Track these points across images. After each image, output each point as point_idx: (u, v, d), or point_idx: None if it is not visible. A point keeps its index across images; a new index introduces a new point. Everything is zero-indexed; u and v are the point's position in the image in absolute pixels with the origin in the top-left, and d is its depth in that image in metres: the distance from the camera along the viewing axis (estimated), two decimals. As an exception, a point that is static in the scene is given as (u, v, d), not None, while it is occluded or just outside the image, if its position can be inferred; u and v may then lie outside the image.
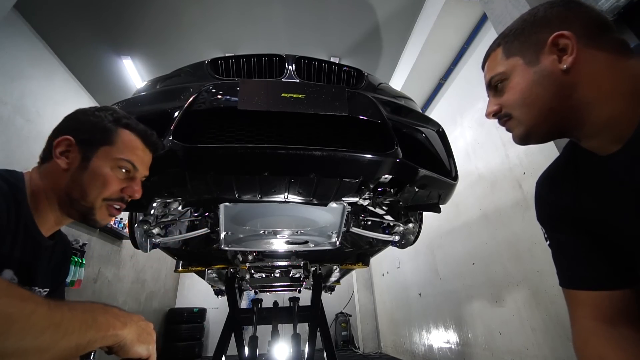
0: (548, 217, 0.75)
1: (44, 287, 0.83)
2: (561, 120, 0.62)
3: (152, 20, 3.11)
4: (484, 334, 2.49)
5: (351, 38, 3.43)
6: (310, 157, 0.99)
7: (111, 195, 0.79)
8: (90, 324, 0.53)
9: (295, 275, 2.47)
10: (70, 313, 0.50)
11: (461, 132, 2.95)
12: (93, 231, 3.54)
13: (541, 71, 0.61)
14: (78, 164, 0.76)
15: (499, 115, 0.70)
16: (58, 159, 0.76)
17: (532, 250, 2.01)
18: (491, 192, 2.48)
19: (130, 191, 0.82)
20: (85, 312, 0.53)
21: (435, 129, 1.34)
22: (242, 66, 1.25)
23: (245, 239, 1.54)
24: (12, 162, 2.60)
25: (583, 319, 0.66)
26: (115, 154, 0.79)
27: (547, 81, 0.61)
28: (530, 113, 0.63)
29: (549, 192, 0.74)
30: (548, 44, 0.60)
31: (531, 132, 0.65)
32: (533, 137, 0.67)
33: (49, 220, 0.79)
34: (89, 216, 0.78)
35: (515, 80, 0.65)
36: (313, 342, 1.91)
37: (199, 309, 5.40)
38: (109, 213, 0.81)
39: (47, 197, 0.76)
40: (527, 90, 0.63)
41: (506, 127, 0.70)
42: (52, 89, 3.30)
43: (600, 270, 0.65)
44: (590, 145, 0.64)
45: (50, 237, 0.82)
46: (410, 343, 3.89)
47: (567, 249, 0.70)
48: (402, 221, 1.55)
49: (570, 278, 0.69)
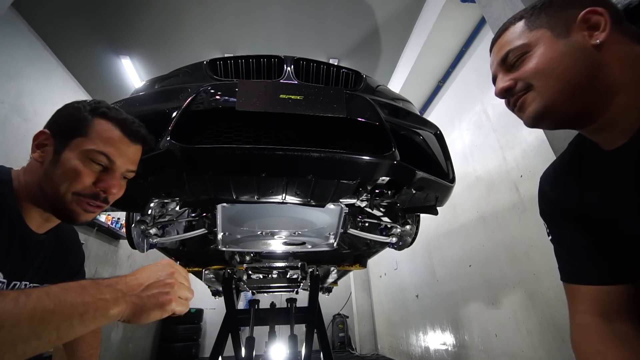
0: (551, 212, 0.74)
1: (35, 281, 0.81)
2: (584, 101, 0.58)
3: (151, 20, 3.11)
4: (480, 335, 2.50)
5: (350, 40, 3.44)
6: (307, 158, 0.99)
7: (82, 190, 0.72)
8: (52, 309, 0.44)
9: (292, 277, 2.46)
10: (13, 303, 0.41)
11: (459, 134, 2.96)
12: (90, 231, 3.52)
13: (572, 44, 0.58)
14: (51, 158, 0.73)
15: (513, 91, 0.64)
16: (34, 152, 0.75)
17: (529, 253, 2.02)
18: (488, 194, 2.49)
19: (103, 185, 0.74)
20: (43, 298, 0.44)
21: (433, 131, 1.35)
22: (240, 67, 1.25)
23: (242, 240, 1.54)
24: (10, 162, 2.55)
25: (582, 313, 0.66)
26: (87, 145, 0.73)
27: (578, 54, 0.57)
28: (555, 85, 0.58)
29: (552, 187, 0.74)
30: (579, 19, 0.58)
31: (550, 109, 0.60)
32: (549, 117, 0.61)
33: (35, 216, 0.76)
34: (62, 212, 0.73)
35: (542, 50, 0.59)
36: (310, 343, 1.91)
37: (196, 310, 5.37)
38: (83, 209, 0.73)
39: (28, 192, 0.74)
40: (557, 60, 0.58)
41: (519, 104, 0.64)
42: (50, 88, 3.29)
43: (601, 265, 0.65)
44: (599, 138, 0.62)
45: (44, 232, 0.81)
46: (407, 344, 3.89)
47: (568, 245, 0.70)
48: (400, 223, 1.55)
49: (571, 273, 0.69)
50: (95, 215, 0.79)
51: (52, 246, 0.87)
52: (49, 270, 0.86)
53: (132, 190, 1.05)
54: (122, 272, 4.17)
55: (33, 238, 0.77)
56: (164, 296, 0.54)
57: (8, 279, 0.72)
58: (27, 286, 0.78)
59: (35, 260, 0.80)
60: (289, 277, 2.47)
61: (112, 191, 0.76)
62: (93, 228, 3.54)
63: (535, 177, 2.03)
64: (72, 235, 1.00)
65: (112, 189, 0.76)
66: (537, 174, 0.78)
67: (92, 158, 0.73)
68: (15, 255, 0.73)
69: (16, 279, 0.75)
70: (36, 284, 0.82)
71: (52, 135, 0.75)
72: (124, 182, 0.83)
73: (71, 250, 0.97)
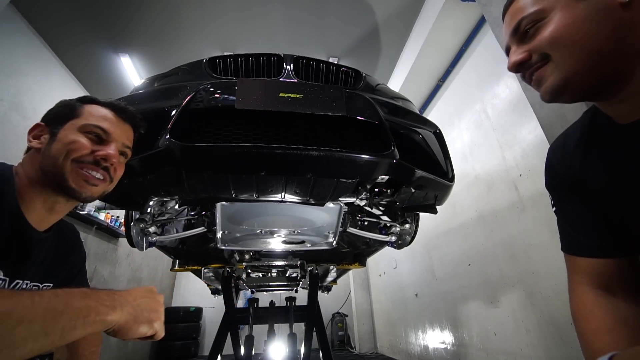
0: (556, 184, 0.74)
1: (35, 281, 0.81)
2: (608, 71, 0.52)
3: (151, 18, 3.10)
4: (479, 334, 2.51)
5: (350, 38, 3.44)
6: (307, 157, 0.99)
7: (81, 157, 0.75)
8: (61, 310, 0.48)
9: (292, 275, 2.47)
10: (30, 300, 0.46)
11: (459, 133, 2.96)
12: (89, 229, 3.52)
13: (594, 4, 0.51)
14: (48, 141, 0.76)
15: (528, 63, 0.58)
16: (31, 142, 0.78)
17: (528, 252, 2.02)
18: (487, 193, 2.49)
19: (102, 153, 0.77)
20: (53, 299, 0.48)
21: (432, 130, 1.35)
22: (240, 65, 1.25)
23: (242, 238, 1.54)
24: (9, 159, 2.54)
25: (580, 284, 0.67)
26: (82, 122, 0.78)
27: (601, 16, 0.50)
28: (576, 55, 0.52)
29: (559, 159, 0.73)
30: None
31: (570, 81, 0.54)
32: (569, 90, 0.56)
33: (38, 208, 0.76)
34: (63, 184, 0.74)
35: (558, 15, 0.53)
36: (309, 342, 1.92)
37: (195, 308, 5.38)
38: (83, 179, 0.75)
39: (30, 182, 0.75)
40: (576, 26, 0.51)
41: (535, 78, 0.59)
42: (49, 86, 3.28)
43: (600, 239, 0.65)
44: (615, 110, 0.58)
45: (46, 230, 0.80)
46: (406, 343, 3.90)
47: (571, 217, 0.70)
48: (399, 222, 1.56)
49: (571, 244, 0.70)
50: (99, 190, 0.79)
51: (54, 245, 0.87)
52: (50, 269, 0.85)
53: (131, 189, 1.06)
54: (122, 271, 4.18)
55: (34, 236, 0.77)
56: (154, 314, 0.61)
57: (10, 277, 0.72)
58: (28, 285, 0.78)
59: (36, 259, 0.80)
60: (289, 275, 2.48)
61: (111, 160, 0.79)
62: (92, 226, 3.54)
63: (535, 176, 2.05)
64: (74, 234, 1.00)
65: (112, 158, 0.78)
66: (537, 173, 0.78)
67: (88, 130, 0.78)
68: (16, 254, 0.73)
69: (19, 277, 0.75)
70: (37, 282, 0.81)
71: (46, 125, 0.80)
72: (122, 159, 0.85)
73: (72, 249, 0.96)
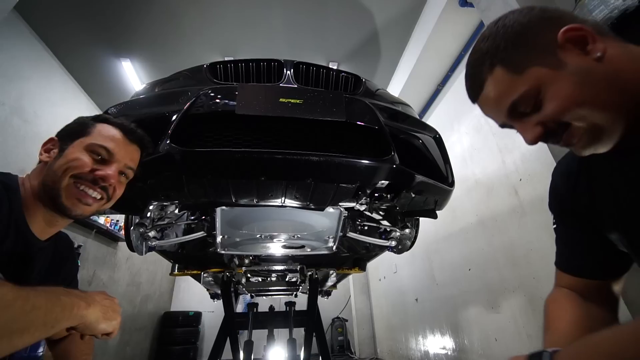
0: (559, 208, 0.79)
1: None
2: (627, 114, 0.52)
3: (152, 23, 3.12)
4: (480, 340, 2.49)
5: (350, 43, 3.45)
6: (307, 162, 0.99)
7: (80, 174, 0.77)
8: (55, 301, 0.57)
9: (291, 280, 2.46)
10: (35, 291, 0.55)
11: (458, 138, 2.97)
12: (88, 233, 3.51)
13: (577, 71, 0.52)
14: (56, 155, 0.80)
15: (547, 131, 0.57)
16: (41, 155, 0.81)
17: (528, 257, 2.01)
18: (487, 198, 2.49)
19: (101, 173, 0.78)
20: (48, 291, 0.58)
21: (432, 135, 1.35)
22: (240, 71, 1.25)
23: (241, 243, 1.54)
24: (10, 163, 2.58)
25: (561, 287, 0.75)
26: (90, 140, 0.81)
27: (590, 79, 0.52)
28: (592, 116, 0.53)
29: (563, 185, 0.76)
30: (561, 41, 0.53)
31: (601, 137, 0.54)
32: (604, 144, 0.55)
33: (40, 220, 0.79)
34: (56, 200, 0.75)
35: (553, 88, 0.53)
36: (309, 347, 1.90)
37: (194, 313, 5.35)
38: (76, 197, 0.76)
39: (34, 195, 0.77)
40: (575, 93, 0.52)
41: (563, 143, 0.58)
42: (51, 90, 3.29)
43: (587, 261, 0.72)
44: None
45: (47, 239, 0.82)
46: (406, 348, 3.88)
47: (566, 238, 0.77)
48: (399, 226, 1.55)
49: (562, 261, 0.77)
50: (91, 209, 0.81)
51: (50, 254, 0.89)
52: (46, 278, 0.87)
53: (131, 193, 1.06)
54: (121, 275, 4.17)
55: (36, 245, 0.79)
56: (115, 314, 0.71)
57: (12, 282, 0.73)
58: None
59: (36, 267, 0.82)
60: (288, 280, 2.47)
61: (109, 180, 0.80)
62: (92, 230, 3.53)
63: (535, 181, 2.04)
64: (68, 244, 1.01)
65: (110, 179, 0.80)
66: (536, 177, 0.80)
67: (93, 150, 0.80)
68: (19, 261, 0.75)
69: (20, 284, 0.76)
70: None
71: (59, 140, 0.83)
72: (123, 179, 0.87)
73: (67, 259, 0.98)
